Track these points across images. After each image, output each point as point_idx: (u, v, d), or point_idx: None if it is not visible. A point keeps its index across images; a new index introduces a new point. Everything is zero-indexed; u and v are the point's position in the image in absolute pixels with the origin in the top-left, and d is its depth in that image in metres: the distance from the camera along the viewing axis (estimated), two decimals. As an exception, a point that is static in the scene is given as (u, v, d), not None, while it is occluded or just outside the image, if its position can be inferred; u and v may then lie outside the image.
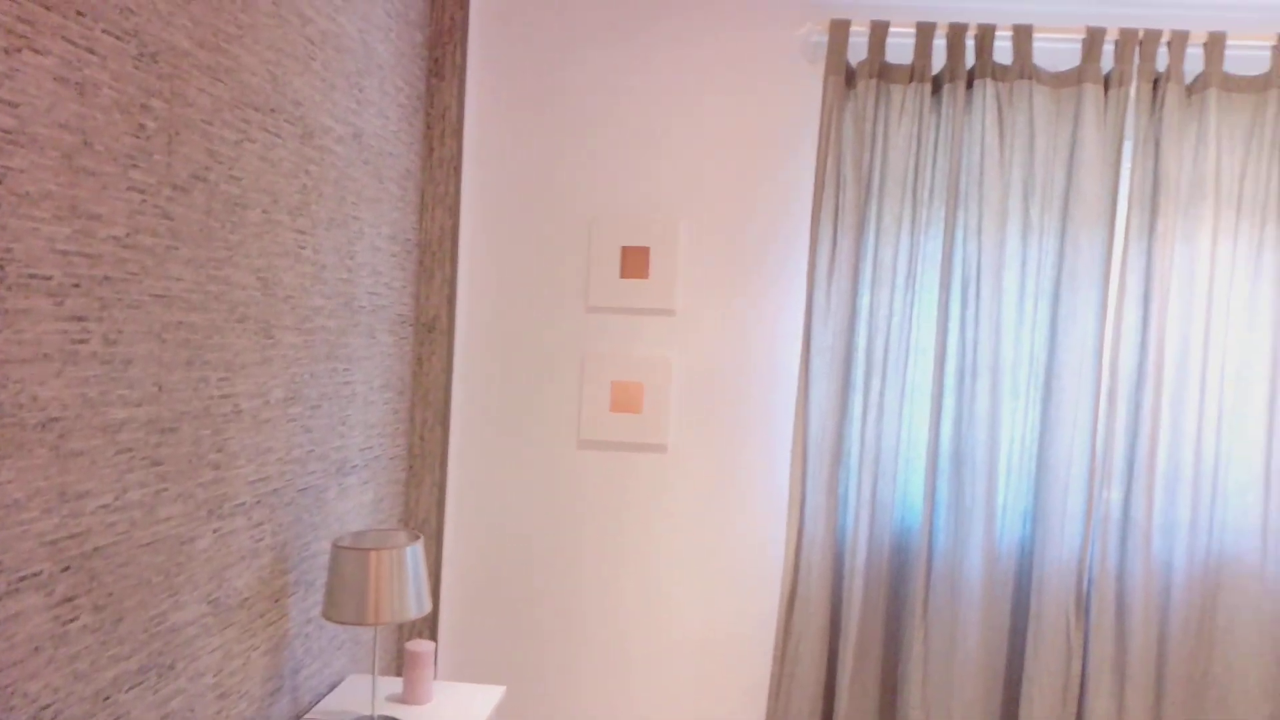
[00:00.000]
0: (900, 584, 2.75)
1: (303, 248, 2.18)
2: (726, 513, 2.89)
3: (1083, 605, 2.67)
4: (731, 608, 2.90)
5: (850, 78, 2.73)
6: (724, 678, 2.91)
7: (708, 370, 2.90)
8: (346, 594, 2.10)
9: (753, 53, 2.85)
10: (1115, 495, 2.67)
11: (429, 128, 2.84)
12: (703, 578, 2.91)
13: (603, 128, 2.90)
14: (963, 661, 2.67)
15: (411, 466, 2.87)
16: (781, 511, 2.87)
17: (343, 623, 2.10)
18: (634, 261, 2.90)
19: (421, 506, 2.87)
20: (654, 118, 2.88)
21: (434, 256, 2.86)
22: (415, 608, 2.15)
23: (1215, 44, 2.61)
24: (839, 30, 2.70)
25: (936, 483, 2.71)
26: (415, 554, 2.17)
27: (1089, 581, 2.68)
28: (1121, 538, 2.67)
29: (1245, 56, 2.70)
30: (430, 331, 2.86)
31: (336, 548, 2.13)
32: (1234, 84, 2.63)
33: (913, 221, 2.70)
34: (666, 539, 2.91)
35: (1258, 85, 2.63)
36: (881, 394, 2.70)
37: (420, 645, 2.41)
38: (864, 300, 2.72)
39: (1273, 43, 2.61)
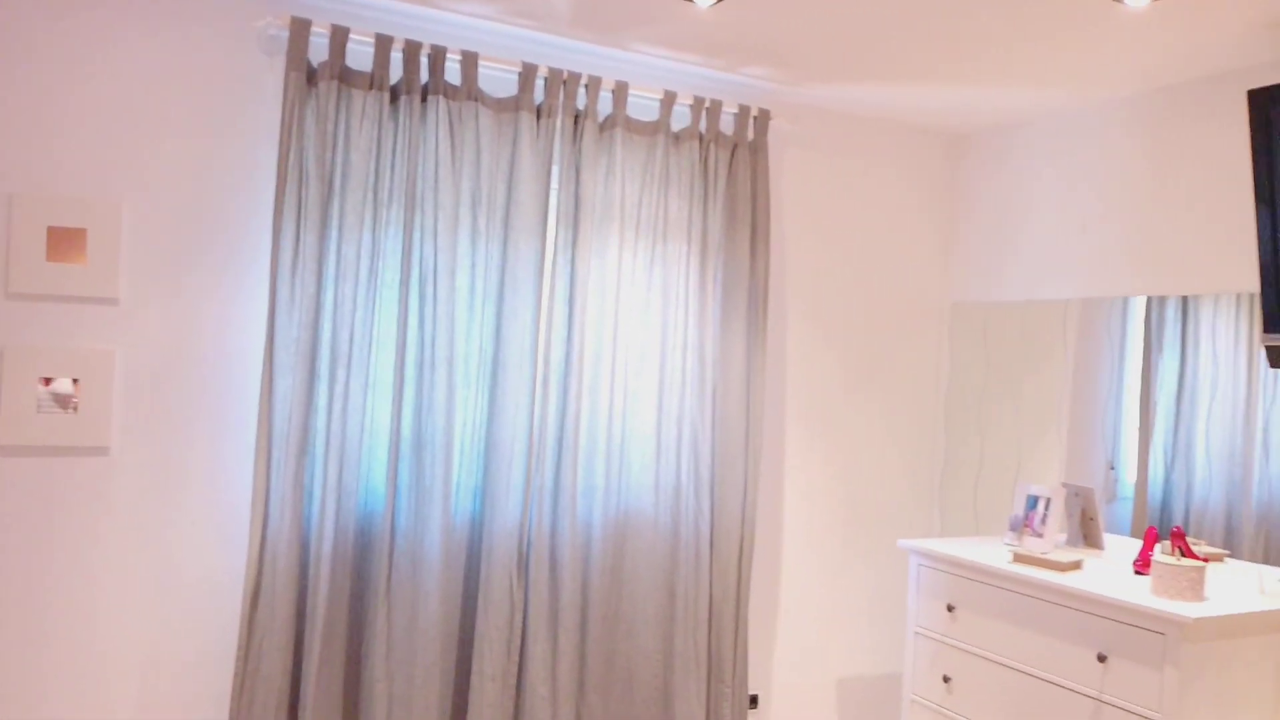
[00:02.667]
0: (365, 565, 2.89)
1: None
2: (183, 516, 2.76)
3: (523, 565, 3.06)
4: (191, 617, 2.77)
5: (312, 76, 2.79)
6: (183, 691, 2.77)
7: (159, 364, 2.74)
8: None
9: (210, 39, 2.76)
10: (548, 468, 3.10)
11: None
12: (155, 589, 2.74)
13: (27, 97, 2.58)
14: (424, 630, 2.90)
15: None
16: (247, 508, 2.82)
17: None
18: (66, 244, 2.63)
19: None
20: (96, 95, 2.64)
21: None
22: None
23: (620, 91, 3.17)
24: (300, 29, 2.74)
25: (399, 467, 2.90)
26: None
27: (528, 544, 3.08)
28: (553, 504, 3.11)
29: (644, 104, 3.32)
30: None
31: None
32: (635, 126, 3.23)
33: (374, 220, 2.86)
34: (108, 551, 2.69)
35: (650, 130, 3.25)
36: (346, 385, 2.81)
37: None
38: (328, 294, 2.80)
39: (660, 96, 3.25)
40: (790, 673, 3.68)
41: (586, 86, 3.12)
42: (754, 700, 3.59)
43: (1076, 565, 2.98)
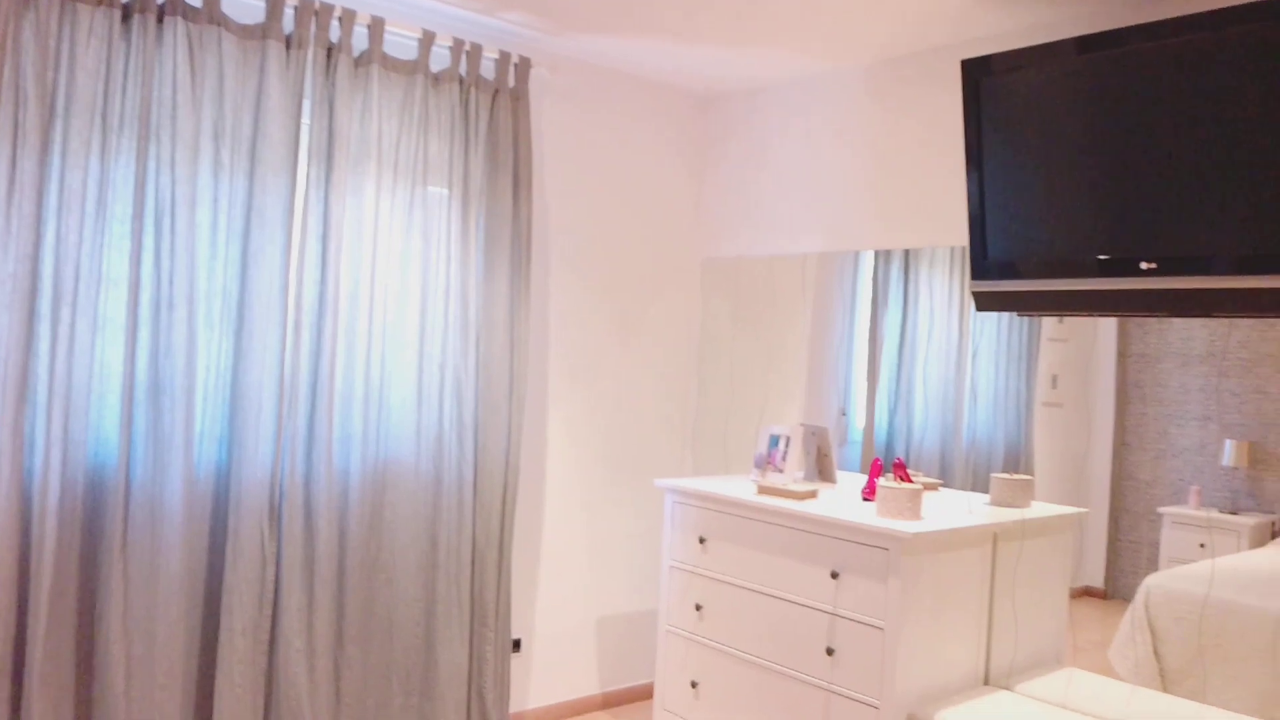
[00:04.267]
0: (97, 521, 2.68)
1: None
2: None
3: (276, 517, 2.94)
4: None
5: (25, -16, 2.52)
6: None
7: None
8: None
9: (-107, -73, 2.42)
10: (302, 415, 2.99)
11: None
12: None
13: None
14: (165, 586, 2.73)
15: None
16: (-54, 461, 2.54)
17: None
18: None
19: None
20: None
21: None
22: None
23: (377, 27, 3.07)
24: (10, -72, 2.47)
25: (133, 414, 2.70)
26: None
27: (281, 495, 2.96)
28: (308, 452, 3.01)
29: (402, 43, 3.23)
30: None
31: None
32: (392, 64, 3.14)
33: (103, 148, 2.63)
34: None
35: (409, 69, 3.18)
36: (72, 326, 2.58)
37: None
38: (50, 227, 2.56)
39: (418, 36, 3.18)
40: (552, 615, 3.76)
41: (340, 20, 3.01)
42: (517, 644, 3.65)
43: (813, 494, 3.24)
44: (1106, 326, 3.32)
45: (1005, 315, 3.58)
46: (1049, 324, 3.62)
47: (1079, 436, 3.58)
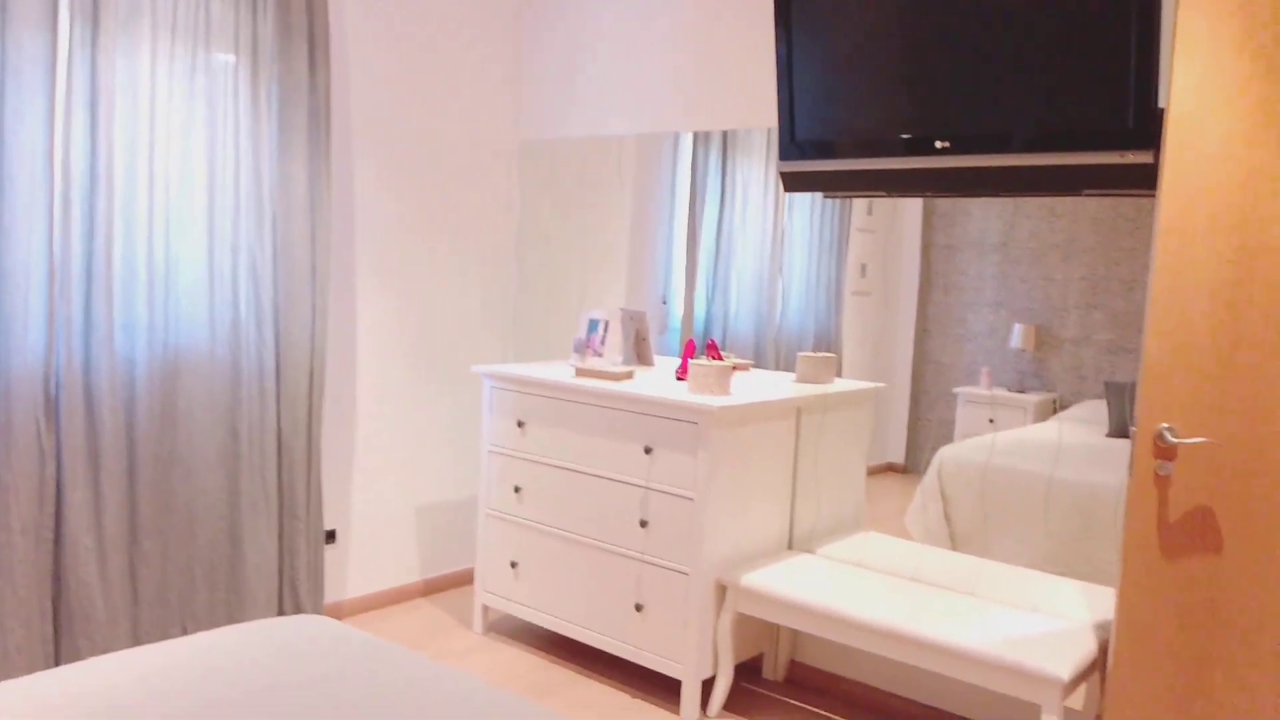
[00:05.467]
0: None
1: None
2: None
3: (52, 408, 2.72)
4: None
5: None
6: None
7: None
8: None
9: None
10: (77, 300, 2.75)
11: None
12: None
13: None
14: (-77, 485, 2.49)
15: None
16: None
17: None
18: None
19: None
20: None
21: None
22: None
23: None
24: None
25: None
26: None
27: (57, 385, 2.74)
28: (85, 340, 2.78)
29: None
30: None
31: None
32: (163, -89, 2.84)
33: None
34: None
35: (184, -82, 2.88)
36: None
37: None
38: None
39: (194, -119, 2.88)
40: (369, 505, 3.69)
41: None
42: (331, 535, 3.57)
43: (629, 375, 3.27)
44: (912, 218, 3.44)
45: (818, 205, 3.66)
46: (859, 215, 3.73)
47: (885, 323, 3.74)
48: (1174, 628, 2.26)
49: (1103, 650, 2.52)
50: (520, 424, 3.33)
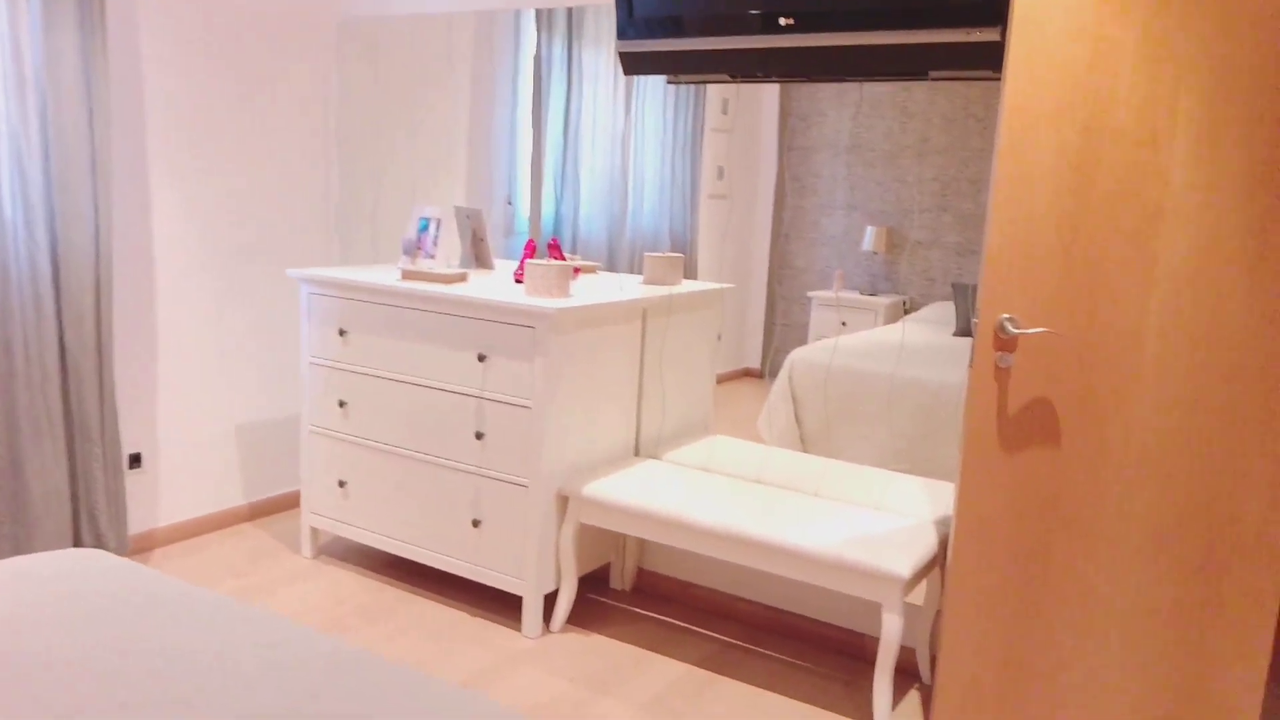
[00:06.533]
0: None
1: None
2: None
3: None
4: None
5: None
6: None
7: None
8: None
9: None
10: None
11: None
12: None
13: None
14: None
15: None
16: None
17: None
18: None
19: None
20: None
21: None
22: None
23: None
24: None
25: None
26: None
27: None
28: None
29: None
30: None
31: None
32: None
33: None
34: None
35: None
36: None
37: None
38: None
39: None
40: (180, 425, 3.36)
41: None
42: (136, 459, 3.24)
43: (462, 278, 3.03)
44: (769, 119, 3.32)
45: (670, 102, 3.49)
46: (713, 114, 3.57)
47: (742, 227, 3.62)
48: (1012, 521, 2.24)
49: (943, 546, 2.50)
50: (342, 333, 3.06)
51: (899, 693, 2.60)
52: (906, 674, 2.69)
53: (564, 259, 3.25)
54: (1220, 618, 2.16)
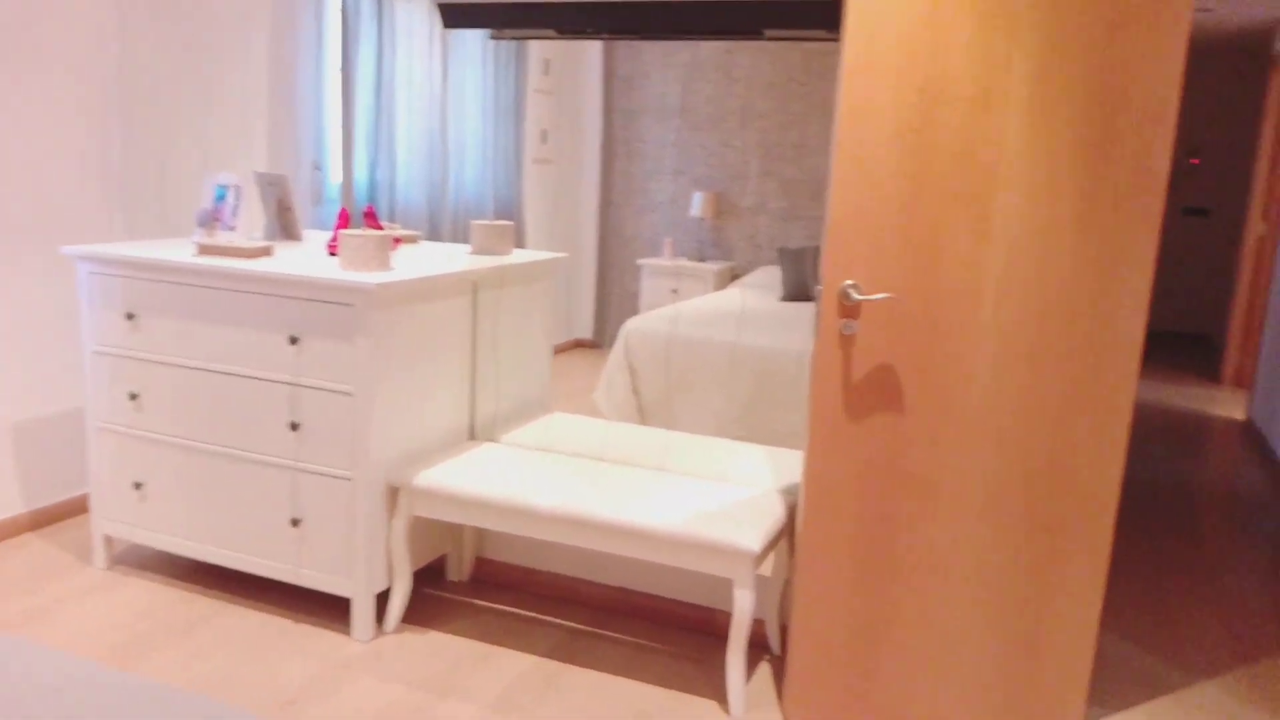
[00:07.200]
0: None
1: None
2: None
3: None
4: None
5: None
6: None
7: None
8: None
9: None
10: None
11: None
12: None
13: None
14: None
15: None
16: None
17: None
18: None
19: None
20: None
21: None
22: None
23: None
24: None
25: None
26: None
27: None
28: None
29: None
30: None
31: None
32: None
33: None
34: None
35: None
36: None
37: None
38: None
39: None
40: (-64, 429, 2.92)
41: None
42: (-117, 471, 2.79)
43: (267, 251, 2.75)
44: (592, 81, 3.23)
45: (490, 61, 3.32)
46: (535, 75, 3.41)
47: (569, 193, 3.49)
48: (859, 487, 2.21)
49: (791, 515, 2.46)
50: (130, 316, 2.72)
51: (750, 665, 2.56)
52: (756, 646, 2.65)
53: (381, 228, 3.01)
54: (1057, 571, 2.22)
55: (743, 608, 2.26)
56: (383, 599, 2.72)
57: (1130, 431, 3.08)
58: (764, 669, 2.55)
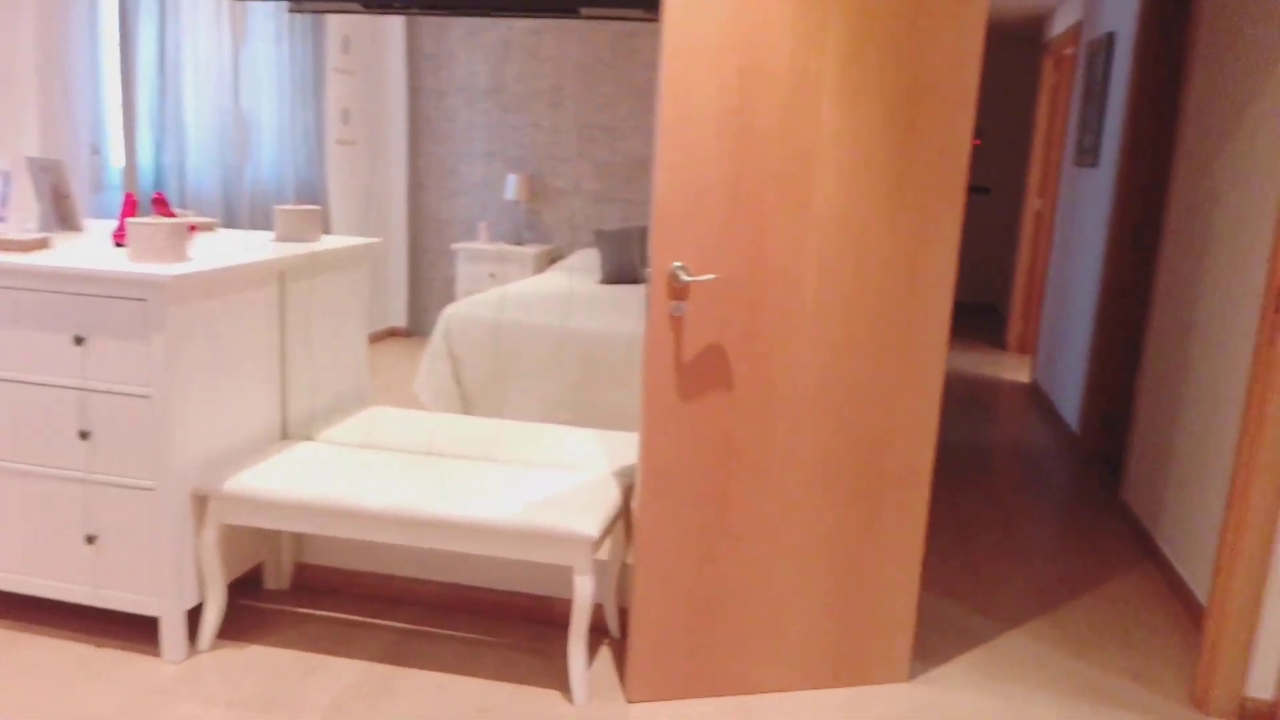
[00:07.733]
0: None
1: None
2: None
3: None
4: None
5: None
6: None
7: None
8: None
9: None
10: None
11: None
12: None
13: None
14: None
15: None
16: None
17: None
18: None
19: None
20: None
21: None
22: None
23: None
24: None
25: None
26: None
27: None
28: None
29: None
30: None
31: None
32: None
33: None
34: None
35: None
36: None
37: None
38: None
39: None
40: None
41: None
42: None
43: (42, 244, 2.48)
44: (395, 60, 3.12)
45: (284, 36, 3.14)
46: (334, 53, 3.26)
47: (376, 176, 3.35)
48: (693, 466, 2.23)
49: (627, 497, 2.46)
50: (-122, 320, 2.39)
51: (590, 650, 2.55)
52: (595, 630, 2.64)
53: (173, 215, 2.78)
54: (879, 538, 2.31)
55: (583, 594, 2.24)
56: (195, 615, 2.53)
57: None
58: (604, 653, 2.54)
